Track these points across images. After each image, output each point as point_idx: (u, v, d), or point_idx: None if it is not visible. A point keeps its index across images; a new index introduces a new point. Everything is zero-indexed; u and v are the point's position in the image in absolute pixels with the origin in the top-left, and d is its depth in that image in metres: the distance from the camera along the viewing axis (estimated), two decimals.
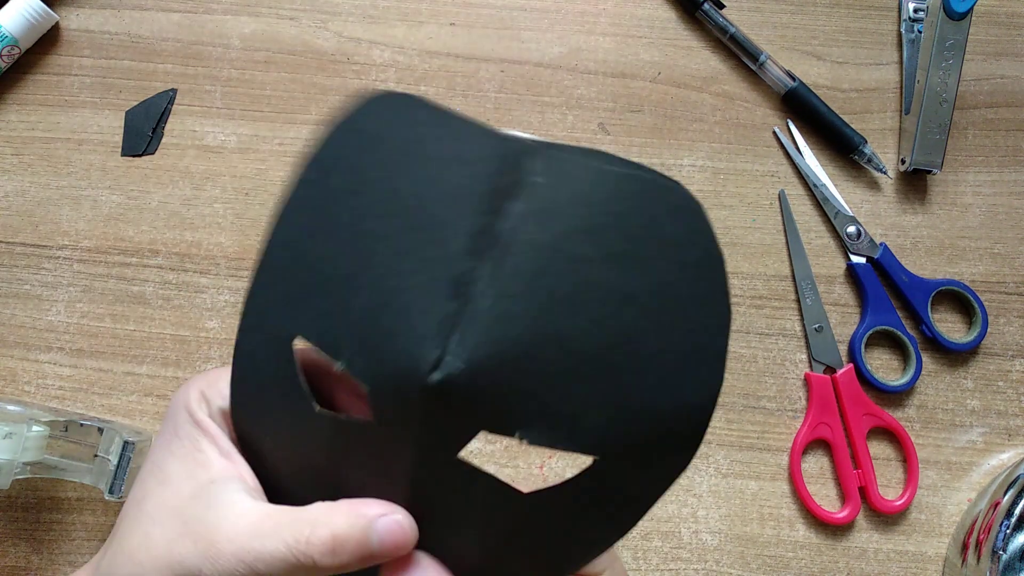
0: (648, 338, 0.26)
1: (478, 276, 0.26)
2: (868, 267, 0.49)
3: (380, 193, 0.28)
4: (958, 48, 0.50)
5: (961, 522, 0.47)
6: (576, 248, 0.26)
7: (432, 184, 0.27)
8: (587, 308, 0.26)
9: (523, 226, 0.26)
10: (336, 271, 0.28)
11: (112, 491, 0.41)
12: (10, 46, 0.49)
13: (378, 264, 0.27)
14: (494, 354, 0.26)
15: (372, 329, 0.27)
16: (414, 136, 0.28)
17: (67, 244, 0.49)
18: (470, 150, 0.27)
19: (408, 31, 0.52)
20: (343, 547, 0.27)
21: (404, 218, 0.27)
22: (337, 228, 0.28)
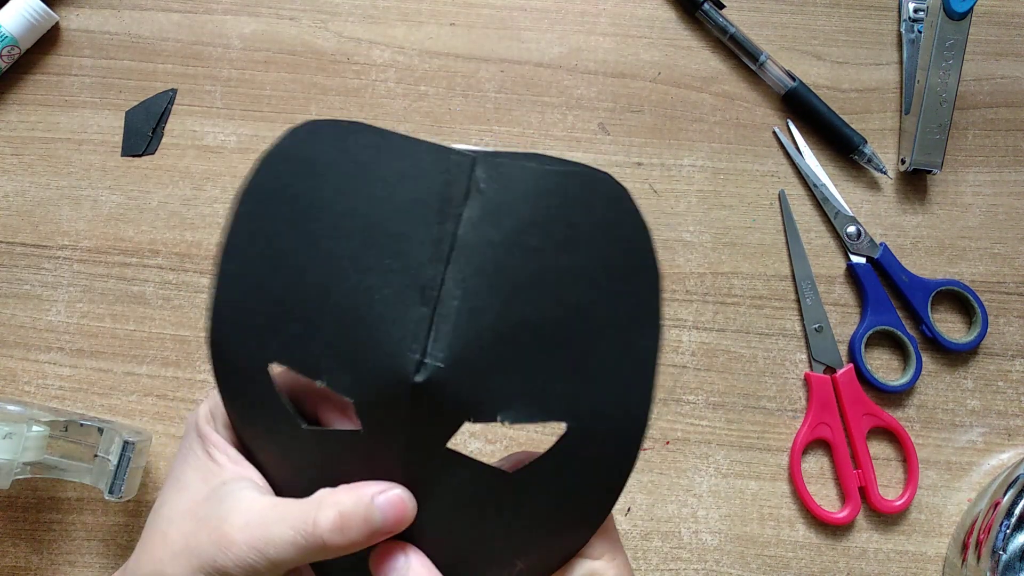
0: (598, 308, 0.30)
1: (443, 279, 0.28)
2: (868, 267, 0.49)
3: (333, 216, 0.29)
4: (958, 48, 0.50)
5: (961, 522, 0.47)
6: (527, 241, 0.29)
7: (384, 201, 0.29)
8: (544, 292, 0.29)
9: (477, 228, 0.29)
10: (300, 296, 0.30)
11: (112, 491, 0.41)
12: (10, 46, 0.49)
13: (343, 282, 0.29)
14: (469, 347, 0.28)
15: (348, 344, 0.29)
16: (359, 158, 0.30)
17: (67, 244, 0.49)
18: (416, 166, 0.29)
19: (408, 31, 0.52)
20: (349, 524, 0.28)
21: (362, 236, 0.29)
22: (291, 255, 0.30)
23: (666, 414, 0.48)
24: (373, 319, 0.28)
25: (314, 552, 0.28)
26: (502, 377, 0.29)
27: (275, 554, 0.28)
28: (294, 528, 0.28)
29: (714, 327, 0.49)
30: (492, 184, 0.29)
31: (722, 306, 0.49)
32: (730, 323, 0.49)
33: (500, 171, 0.29)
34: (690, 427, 0.48)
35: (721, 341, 0.49)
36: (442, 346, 0.28)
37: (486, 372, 0.28)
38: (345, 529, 0.28)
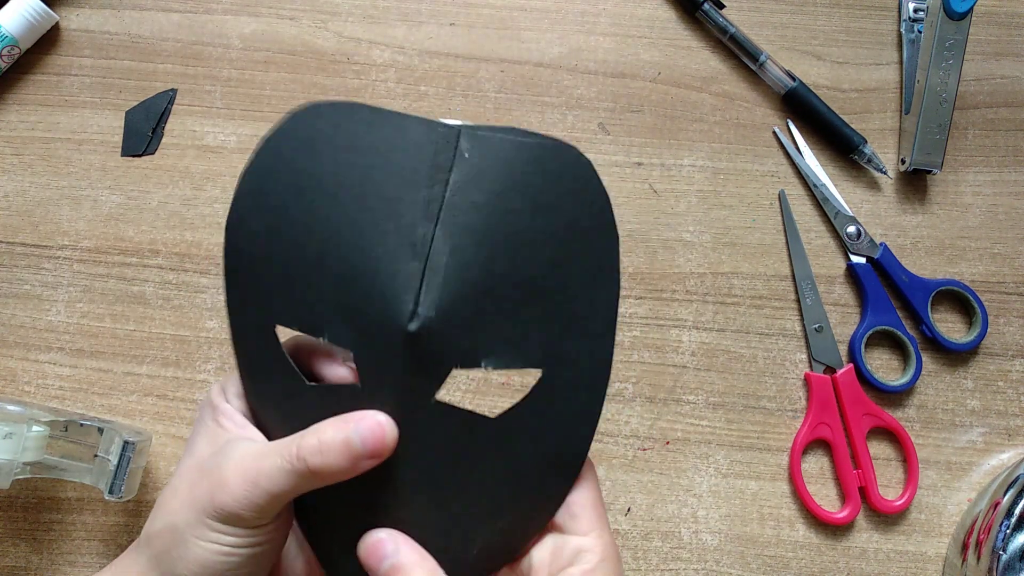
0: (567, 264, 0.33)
1: (433, 237, 0.31)
2: (868, 267, 0.49)
3: (331, 186, 0.32)
4: (958, 48, 0.50)
5: (961, 522, 0.47)
6: (506, 203, 0.32)
7: (378, 169, 0.32)
8: (521, 249, 0.32)
9: (462, 192, 0.32)
10: (302, 260, 0.33)
11: (112, 491, 0.41)
12: (10, 46, 0.49)
13: (342, 244, 0.32)
14: (457, 299, 0.31)
15: (348, 300, 0.32)
16: (354, 132, 0.33)
17: (67, 244, 0.49)
18: (407, 137, 0.32)
19: (408, 31, 0.52)
20: (329, 447, 0.30)
21: (358, 202, 0.32)
22: (294, 224, 0.33)
23: (666, 414, 0.48)
24: (370, 275, 0.31)
25: (302, 478, 0.30)
26: (486, 326, 0.32)
27: (267, 483, 0.30)
28: (281, 456, 0.31)
29: (714, 327, 0.49)
30: (475, 153, 0.32)
31: (722, 306, 0.49)
32: (730, 323, 0.49)
33: (482, 141, 0.33)
34: (690, 427, 0.48)
35: (721, 341, 0.49)
36: (433, 297, 0.31)
37: (472, 322, 0.32)
38: (325, 451, 0.30)
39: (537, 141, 0.33)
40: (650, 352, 0.48)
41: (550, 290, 0.33)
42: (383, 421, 0.31)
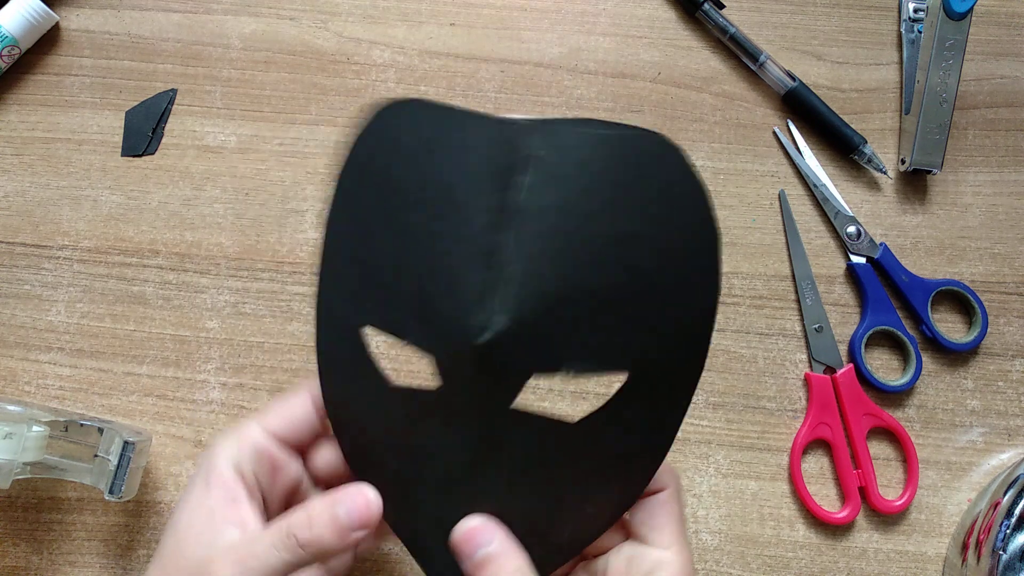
0: (656, 268, 0.31)
1: (504, 244, 0.30)
2: (868, 267, 0.49)
3: (408, 189, 0.32)
4: (958, 48, 0.50)
5: (961, 522, 0.47)
6: (584, 206, 0.30)
7: (451, 173, 0.31)
8: (603, 254, 0.30)
9: (536, 195, 0.30)
10: (387, 263, 0.32)
11: (112, 491, 0.41)
12: (10, 46, 0.49)
13: (419, 250, 0.32)
14: (531, 307, 0.30)
15: (426, 309, 0.31)
16: (428, 134, 0.32)
17: (67, 244, 0.49)
18: (476, 138, 0.31)
19: (408, 31, 0.52)
20: (316, 521, 0.31)
21: (433, 206, 0.31)
22: (380, 226, 0.33)
23: None
24: (444, 284, 0.31)
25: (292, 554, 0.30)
26: (564, 334, 0.30)
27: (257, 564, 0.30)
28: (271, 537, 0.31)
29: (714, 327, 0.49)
30: (549, 151, 0.30)
31: (722, 306, 0.49)
32: (730, 323, 0.49)
33: (556, 138, 0.30)
34: (690, 427, 0.48)
35: (721, 341, 0.49)
36: (506, 308, 0.30)
37: (548, 331, 0.30)
38: (313, 525, 0.31)
39: (618, 133, 0.30)
40: None
41: (636, 295, 0.31)
42: (370, 496, 0.32)
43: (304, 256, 0.49)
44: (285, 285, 0.48)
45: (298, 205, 0.49)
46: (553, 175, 0.30)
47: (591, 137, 0.30)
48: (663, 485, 0.34)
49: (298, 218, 0.49)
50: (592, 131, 0.30)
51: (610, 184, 0.30)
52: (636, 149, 0.31)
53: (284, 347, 0.48)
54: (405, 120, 0.33)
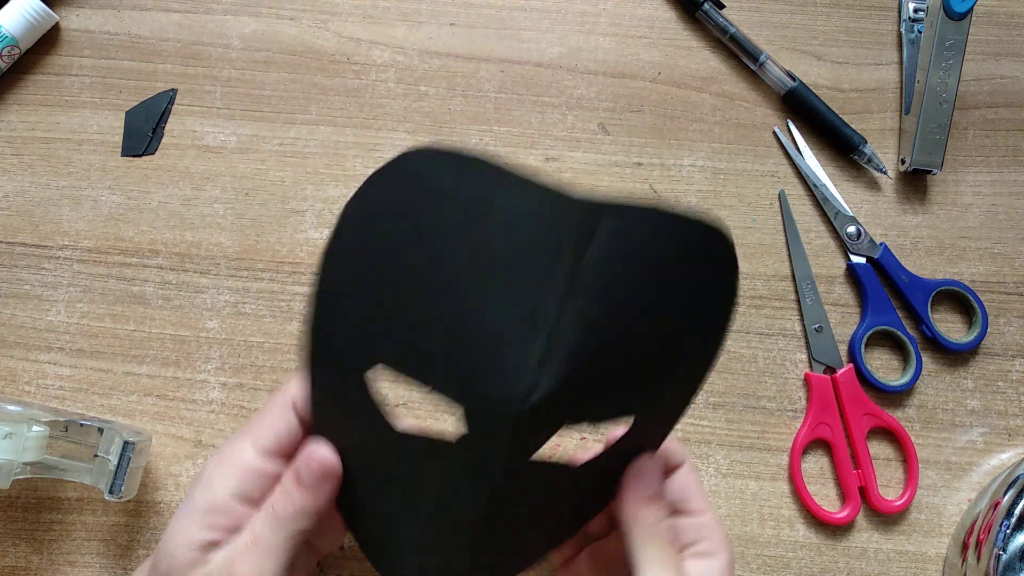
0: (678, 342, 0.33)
1: (562, 315, 0.30)
2: (868, 267, 0.49)
3: (454, 240, 0.31)
4: (958, 48, 0.50)
5: (961, 522, 0.47)
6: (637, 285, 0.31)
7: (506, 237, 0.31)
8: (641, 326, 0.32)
9: (595, 270, 0.30)
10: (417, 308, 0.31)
11: (112, 491, 0.41)
12: (10, 46, 0.49)
13: (461, 304, 0.31)
14: (574, 376, 0.30)
15: (461, 361, 0.31)
16: (482, 190, 0.31)
17: (67, 244, 0.49)
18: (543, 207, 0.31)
19: (408, 31, 0.52)
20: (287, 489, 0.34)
21: (483, 264, 0.31)
22: (411, 269, 0.31)
23: None
24: (489, 342, 0.30)
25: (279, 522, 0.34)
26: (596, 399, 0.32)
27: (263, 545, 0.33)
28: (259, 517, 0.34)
29: None
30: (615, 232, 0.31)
31: None
32: None
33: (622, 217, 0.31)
34: (690, 427, 0.48)
35: None
36: (552, 375, 0.30)
37: (583, 394, 0.31)
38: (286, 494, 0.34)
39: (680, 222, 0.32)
40: None
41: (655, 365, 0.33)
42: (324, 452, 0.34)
43: (304, 256, 0.49)
44: (285, 285, 0.48)
45: (298, 205, 0.49)
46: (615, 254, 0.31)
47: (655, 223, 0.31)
48: (679, 460, 0.38)
49: (298, 218, 0.49)
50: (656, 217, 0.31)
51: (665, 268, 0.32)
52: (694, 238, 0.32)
53: (284, 347, 0.48)
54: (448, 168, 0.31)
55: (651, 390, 0.34)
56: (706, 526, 0.37)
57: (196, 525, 0.34)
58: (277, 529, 0.34)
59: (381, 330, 0.32)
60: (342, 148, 0.50)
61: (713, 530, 0.37)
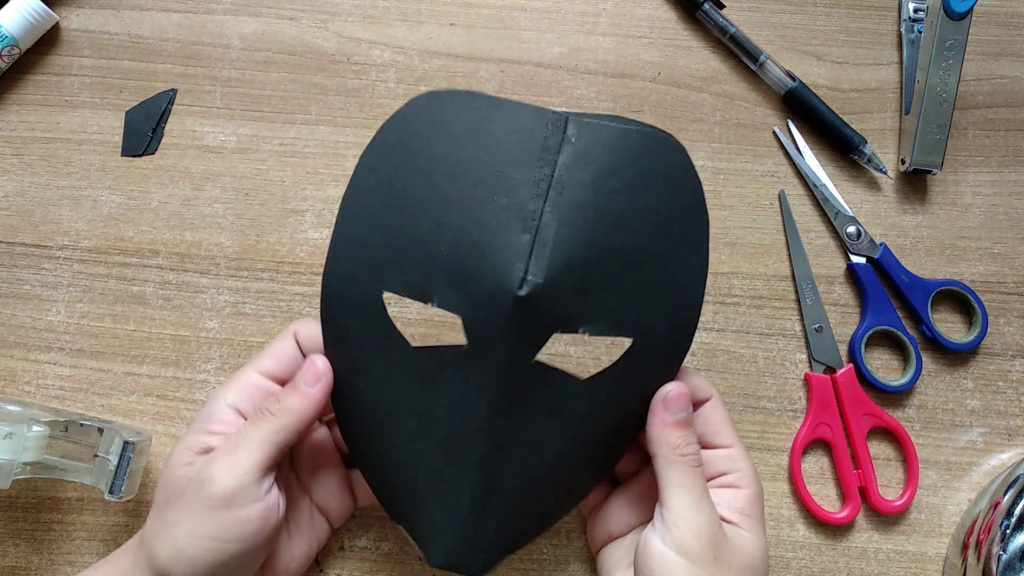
0: (662, 242, 0.36)
1: (543, 212, 0.35)
2: (868, 267, 0.49)
3: (449, 164, 0.36)
4: (958, 48, 0.50)
5: (961, 522, 0.47)
6: (609, 183, 0.36)
7: (494, 150, 0.36)
8: (621, 225, 0.36)
9: (569, 172, 0.35)
10: (418, 230, 0.36)
11: (112, 491, 0.41)
12: (10, 46, 0.49)
13: (457, 217, 0.35)
14: (562, 268, 0.35)
15: (460, 268, 0.35)
16: (472, 117, 0.36)
17: (67, 244, 0.49)
18: (519, 122, 0.36)
19: (408, 31, 0.52)
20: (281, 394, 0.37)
21: (475, 178, 0.35)
22: (412, 197, 0.36)
23: None
24: (483, 245, 0.35)
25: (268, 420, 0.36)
26: (588, 295, 0.35)
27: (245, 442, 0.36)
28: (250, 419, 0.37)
29: (714, 327, 0.49)
30: (581, 137, 0.36)
31: (722, 306, 0.49)
32: (730, 323, 0.49)
33: (587, 127, 0.36)
34: None
35: (721, 341, 0.49)
36: (541, 266, 0.34)
37: (576, 290, 0.35)
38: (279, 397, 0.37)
39: (637, 128, 0.36)
40: None
41: (646, 264, 0.36)
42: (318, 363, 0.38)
43: (304, 256, 0.49)
44: (285, 285, 0.48)
45: (298, 205, 0.49)
46: (584, 157, 0.35)
47: (616, 130, 0.36)
48: (707, 395, 0.39)
49: (298, 218, 0.49)
50: (617, 125, 0.36)
51: (629, 168, 0.36)
52: (650, 143, 0.37)
53: None
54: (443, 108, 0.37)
55: (646, 308, 0.36)
56: (733, 458, 0.38)
57: (194, 434, 0.37)
58: (260, 425, 0.36)
59: (389, 252, 0.36)
60: (342, 148, 0.50)
61: (741, 463, 0.38)
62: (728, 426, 0.39)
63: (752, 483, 0.38)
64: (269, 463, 0.36)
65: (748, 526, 0.37)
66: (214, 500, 0.34)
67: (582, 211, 0.35)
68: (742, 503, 0.37)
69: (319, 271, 0.48)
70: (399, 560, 0.45)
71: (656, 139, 0.37)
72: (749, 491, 0.38)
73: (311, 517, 0.41)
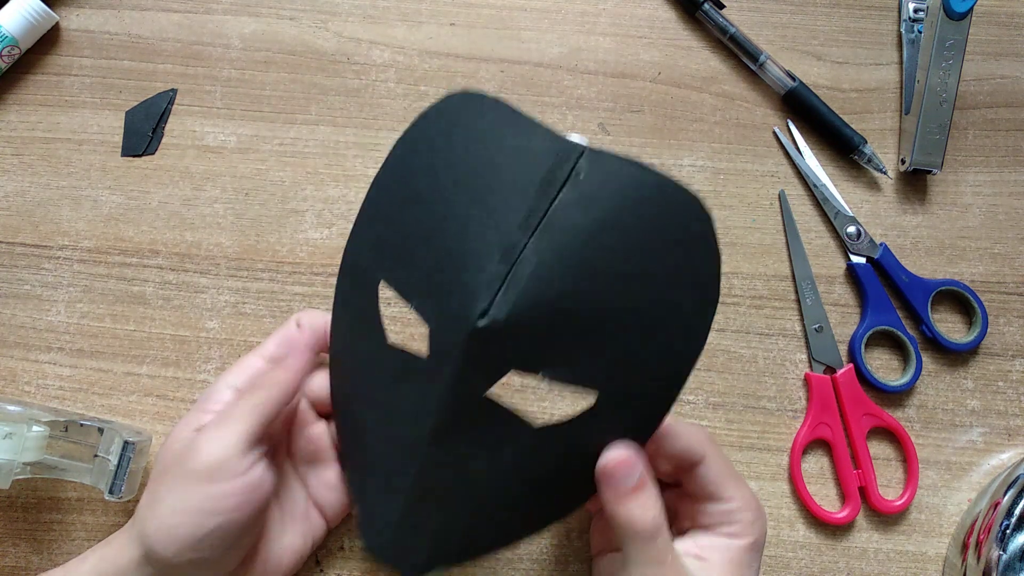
0: (652, 309, 0.33)
1: (525, 247, 0.32)
2: (868, 267, 0.49)
3: (457, 171, 0.35)
4: (958, 48, 0.50)
5: (961, 522, 0.47)
6: (607, 233, 0.32)
7: (500, 169, 0.34)
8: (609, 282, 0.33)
9: (567, 211, 0.32)
10: (417, 230, 0.35)
11: (112, 491, 0.41)
12: (10, 46, 0.49)
13: (448, 228, 0.34)
14: (529, 309, 0.32)
15: (437, 281, 0.34)
16: (488, 128, 0.35)
17: (67, 244, 0.49)
18: (533, 145, 0.34)
19: (408, 31, 0.52)
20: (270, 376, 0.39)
21: (475, 193, 0.34)
22: (420, 196, 0.36)
23: None
24: (461, 265, 0.33)
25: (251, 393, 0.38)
26: (551, 342, 0.33)
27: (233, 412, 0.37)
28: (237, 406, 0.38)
29: (714, 327, 0.49)
30: (591, 175, 0.33)
31: (722, 306, 0.49)
32: (730, 323, 0.49)
33: (602, 166, 0.33)
34: None
35: (721, 341, 0.49)
36: (508, 301, 0.32)
37: (538, 335, 0.33)
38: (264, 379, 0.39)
39: (657, 180, 0.33)
40: None
41: (627, 329, 0.33)
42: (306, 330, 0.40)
43: (304, 256, 0.49)
44: (285, 285, 0.48)
45: (298, 205, 0.49)
46: (588, 198, 0.32)
47: (633, 176, 0.33)
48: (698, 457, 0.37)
49: (298, 218, 0.49)
50: (636, 171, 0.33)
51: (636, 223, 0.33)
52: (669, 199, 0.33)
53: None
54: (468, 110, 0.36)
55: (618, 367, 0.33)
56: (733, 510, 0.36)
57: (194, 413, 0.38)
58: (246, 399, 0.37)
59: (390, 242, 0.36)
60: (342, 148, 0.50)
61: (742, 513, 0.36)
62: (728, 478, 0.37)
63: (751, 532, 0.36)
64: (253, 435, 0.36)
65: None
66: (198, 472, 0.35)
67: (567, 256, 0.32)
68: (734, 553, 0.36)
69: (319, 271, 0.48)
70: None
71: (678, 197, 0.33)
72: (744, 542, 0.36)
73: (307, 511, 0.41)
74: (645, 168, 0.33)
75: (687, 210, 0.33)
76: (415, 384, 0.35)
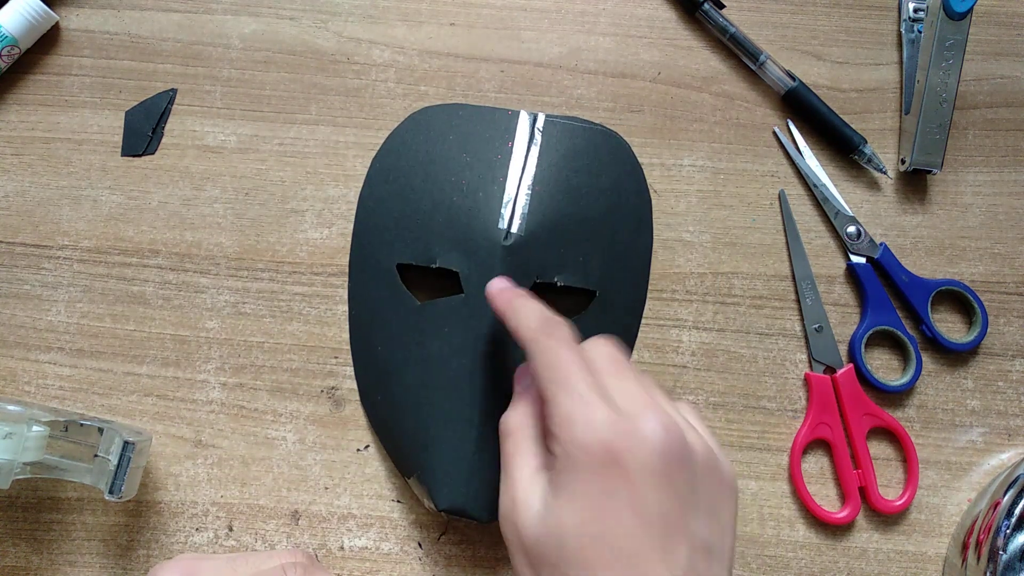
0: (615, 215, 0.47)
1: (519, 185, 0.46)
2: (868, 267, 0.49)
3: (442, 157, 0.47)
4: (958, 48, 0.50)
5: (961, 522, 0.47)
6: (571, 167, 0.47)
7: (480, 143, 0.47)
8: (583, 198, 0.46)
9: (540, 158, 0.46)
10: (419, 212, 0.46)
11: (112, 491, 0.41)
12: (10, 46, 0.49)
13: (452, 195, 0.46)
14: (536, 226, 0.45)
15: (457, 232, 0.45)
16: (457, 121, 0.47)
17: (67, 244, 0.49)
18: (499, 122, 0.47)
19: (408, 31, 0.52)
20: None
21: (463, 166, 0.46)
22: (413, 188, 0.47)
23: None
24: (475, 212, 0.45)
25: None
26: (558, 249, 0.45)
27: None
28: None
29: (714, 327, 0.49)
30: (549, 132, 0.47)
31: (722, 306, 0.49)
32: (730, 323, 0.49)
33: (553, 124, 0.47)
34: None
35: (721, 341, 0.49)
36: (519, 225, 0.45)
37: (548, 244, 0.45)
38: None
39: (591, 126, 0.48)
40: (650, 352, 0.48)
41: (604, 231, 0.46)
42: None
43: (304, 256, 0.49)
44: (285, 285, 0.48)
45: (298, 205, 0.49)
46: (551, 146, 0.47)
47: (575, 127, 0.48)
48: (522, 346, 0.39)
49: (298, 218, 0.49)
50: (576, 124, 0.48)
51: (587, 156, 0.47)
52: (603, 138, 0.48)
53: (284, 347, 0.48)
54: (435, 116, 0.48)
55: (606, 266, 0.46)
56: (552, 428, 0.33)
57: None
58: None
59: (398, 231, 0.46)
60: (342, 148, 0.50)
61: (556, 429, 0.33)
62: (551, 383, 0.34)
63: (566, 459, 0.33)
64: None
65: None
66: None
67: (551, 187, 0.46)
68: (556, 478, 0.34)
69: (319, 271, 0.48)
70: (399, 560, 0.45)
71: (606, 135, 0.48)
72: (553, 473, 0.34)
73: None
74: (582, 120, 0.48)
75: (615, 143, 0.48)
76: (452, 327, 0.43)
